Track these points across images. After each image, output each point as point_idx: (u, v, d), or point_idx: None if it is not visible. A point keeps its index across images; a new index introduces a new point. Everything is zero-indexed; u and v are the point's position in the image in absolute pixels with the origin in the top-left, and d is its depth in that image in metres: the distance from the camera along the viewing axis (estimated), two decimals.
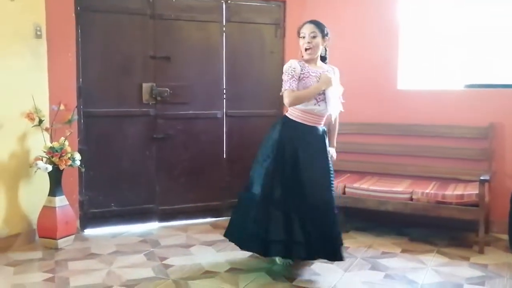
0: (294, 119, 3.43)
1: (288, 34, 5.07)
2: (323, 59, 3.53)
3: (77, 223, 4.38)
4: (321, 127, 3.48)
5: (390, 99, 4.80)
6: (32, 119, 4.03)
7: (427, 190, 4.16)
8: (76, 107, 4.33)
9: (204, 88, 4.82)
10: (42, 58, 4.23)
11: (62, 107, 4.16)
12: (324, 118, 3.48)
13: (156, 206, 4.73)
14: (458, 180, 4.43)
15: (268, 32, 5.06)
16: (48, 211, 4.03)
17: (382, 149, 4.82)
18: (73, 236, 4.16)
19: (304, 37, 3.37)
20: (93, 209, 4.53)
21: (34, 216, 4.12)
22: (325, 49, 3.50)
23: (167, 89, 4.64)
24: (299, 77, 3.34)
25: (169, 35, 4.66)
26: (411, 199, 4.14)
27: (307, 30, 3.35)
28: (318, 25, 3.37)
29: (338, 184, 4.44)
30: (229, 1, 4.84)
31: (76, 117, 4.28)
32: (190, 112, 4.77)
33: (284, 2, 5.04)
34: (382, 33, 4.80)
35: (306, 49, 3.37)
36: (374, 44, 4.87)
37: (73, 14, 4.33)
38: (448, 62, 4.72)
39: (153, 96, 4.61)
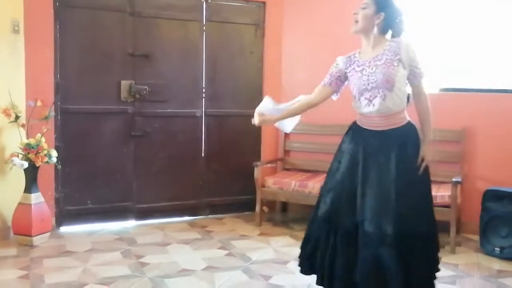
0: (357, 122, 2.78)
1: (267, 35, 5.14)
2: (396, 35, 2.70)
3: (53, 220, 4.35)
4: (397, 128, 2.63)
5: None
6: (8, 115, 4.01)
7: None
8: (53, 103, 4.30)
9: (183, 86, 4.84)
10: (19, 54, 4.20)
11: (39, 103, 4.13)
12: (396, 117, 2.62)
13: (133, 204, 4.73)
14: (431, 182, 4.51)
15: (248, 32, 5.11)
16: (23, 208, 4.01)
17: None
18: (48, 234, 4.15)
19: (356, 13, 2.72)
20: (69, 207, 4.51)
21: (9, 213, 4.09)
22: (382, 25, 2.66)
23: (145, 87, 4.65)
24: (345, 74, 2.77)
25: (149, 33, 4.67)
26: None
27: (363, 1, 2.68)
28: None
29: (314, 184, 4.51)
30: (209, 1, 4.87)
31: (53, 113, 4.26)
32: (169, 110, 4.79)
33: (264, 3, 5.09)
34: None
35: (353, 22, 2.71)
36: (351, 46, 4.90)
37: (52, 10, 4.32)
38: (424, 65, 4.76)
39: (132, 93, 4.61)
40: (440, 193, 4.16)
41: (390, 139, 2.61)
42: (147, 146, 4.74)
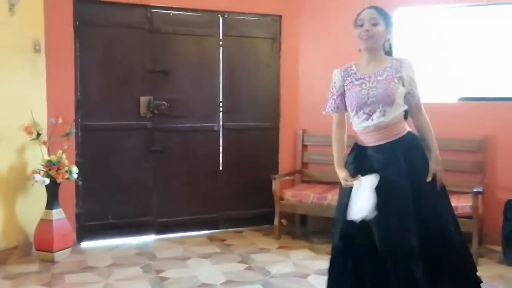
0: (358, 143, 2.71)
1: (284, 48, 5.17)
2: (388, 54, 2.71)
3: (74, 236, 4.38)
4: (397, 139, 2.58)
5: None
6: (30, 133, 4.06)
7: None
8: (74, 120, 4.37)
9: (201, 101, 4.88)
10: (41, 72, 4.29)
11: (60, 120, 4.19)
12: (395, 127, 2.58)
13: (153, 218, 4.76)
14: (451, 192, 4.22)
15: (264, 46, 5.14)
16: (45, 224, 4.05)
17: None
18: (69, 249, 4.18)
19: (362, 25, 2.60)
20: (90, 222, 4.55)
21: (31, 229, 4.14)
22: (389, 43, 2.68)
23: (164, 102, 4.70)
24: (344, 90, 2.69)
25: (167, 49, 4.72)
26: None
27: (367, 16, 2.60)
28: (381, 12, 2.62)
29: (333, 195, 4.37)
30: (225, 16, 4.92)
31: (74, 130, 4.32)
32: (187, 125, 4.83)
33: (280, 17, 5.12)
34: None
35: (362, 37, 2.60)
36: None
37: (72, 29, 4.40)
38: (442, 74, 4.75)
39: (151, 109, 4.66)
40: (461, 203, 4.10)
41: (393, 150, 2.55)
42: (167, 160, 4.77)
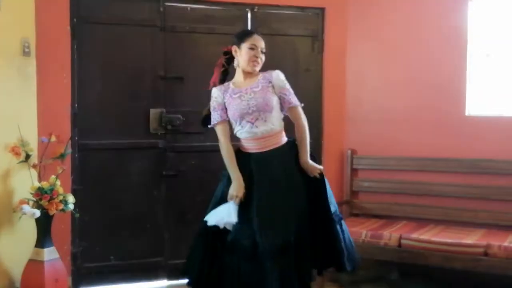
0: (241, 149, 3.58)
1: (327, 48, 5.10)
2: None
3: (69, 280, 4.39)
4: (277, 147, 3.49)
5: (456, 128, 4.75)
6: (17, 154, 4.05)
7: (506, 243, 4.05)
8: (71, 138, 4.38)
9: None
10: (30, 80, 4.30)
11: (53, 138, 4.20)
12: (277, 137, 3.49)
13: (165, 259, 4.74)
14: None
15: (303, 46, 5.07)
16: (34, 265, 4.05)
17: (447, 190, 4.74)
18: None
19: (253, 49, 3.49)
20: (89, 263, 4.55)
21: (17, 272, 4.12)
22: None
23: (179, 116, 4.69)
24: (224, 104, 3.52)
25: (183, 51, 4.71)
26: (486, 254, 4.04)
27: (259, 43, 3.52)
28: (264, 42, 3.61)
29: (391, 233, 4.39)
30: (255, 9, 4.88)
31: (70, 150, 4.32)
32: (207, 143, 4.73)
33: (323, 10, 5.06)
34: (445, 46, 4.75)
35: (253, 62, 3.50)
36: (434, 60, 4.82)
37: (68, 27, 4.43)
38: None
39: (163, 124, 4.66)
40: None
41: (272, 157, 3.45)
42: (182, 187, 4.75)
